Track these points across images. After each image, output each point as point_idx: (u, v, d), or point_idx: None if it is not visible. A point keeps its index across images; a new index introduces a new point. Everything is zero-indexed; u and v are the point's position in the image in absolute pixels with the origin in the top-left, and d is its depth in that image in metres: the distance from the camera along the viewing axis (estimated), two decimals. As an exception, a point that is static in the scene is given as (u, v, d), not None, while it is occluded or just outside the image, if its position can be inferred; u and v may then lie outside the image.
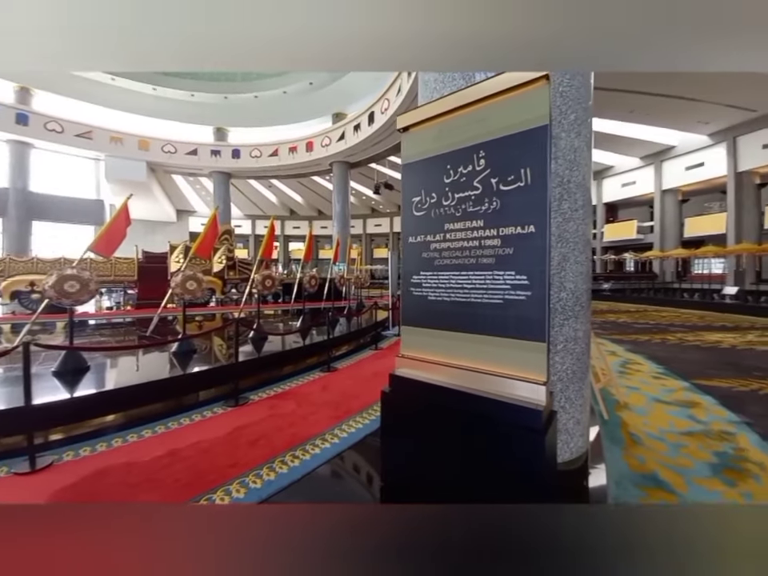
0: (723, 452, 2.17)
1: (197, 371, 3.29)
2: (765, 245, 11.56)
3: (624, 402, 2.98)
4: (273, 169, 19.33)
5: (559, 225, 1.84)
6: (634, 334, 6.33)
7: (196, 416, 2.67)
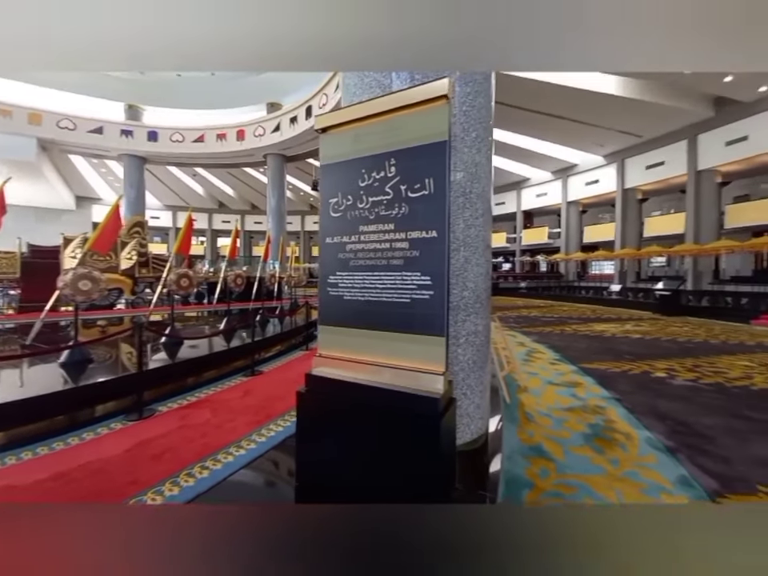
0: (596, 424, 2.63)
1: (89, 383, 2.88)
2: (642, 250, 14.11)
3: (524, 385, 3.41)
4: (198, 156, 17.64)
5: (462, 231, 2.03)
6: (540, 326, 7.25)
7: (88, 434, 2.36)
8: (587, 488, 1.80)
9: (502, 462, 2.05)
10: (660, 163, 15.58)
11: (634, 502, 1.57)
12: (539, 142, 17.96)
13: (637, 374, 3.95)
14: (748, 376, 3.85)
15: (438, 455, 1.49)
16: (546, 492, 1.77)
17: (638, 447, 2.24)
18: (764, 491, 1.80)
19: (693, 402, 3.06)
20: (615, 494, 1.76)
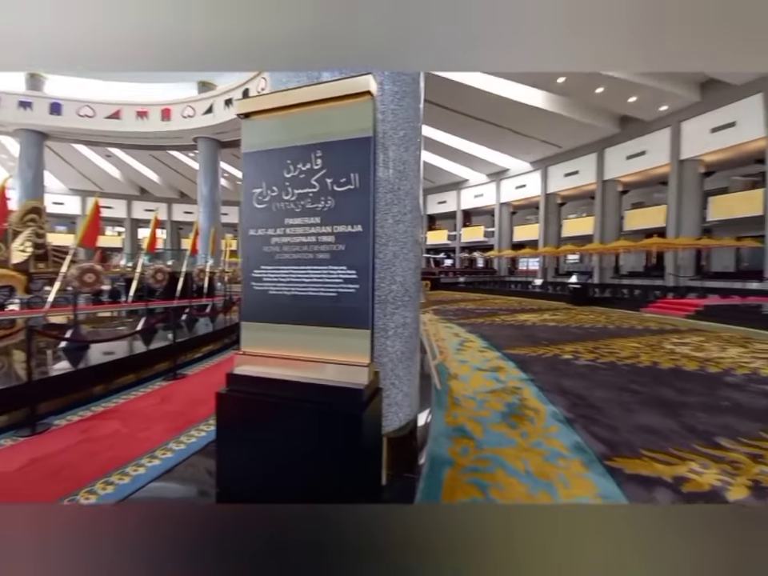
0: (512, 402, 2.92)
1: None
2: (559, 248, 15.91)
3: (455, 373, 3.66)
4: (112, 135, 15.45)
5: (391, 226, 2.09)
6: (474, 318, 7.81)
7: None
8: (500, 460, 2.01)
9: (428, 444, 2.19)
10: (575, 172, 17.63)
11: (562, 502, 1.75)
12: (477, 145, 19.16)
13: (549, 356, 4.47)
14: (636, 355, 4.60)
15: (363, 444, 1.54)
16: (464, 468, 1.93)
17: (544, 420, 2.56)
18: (648, 455, 2.17)
19: (590, 379, 3.57)
20: (522, 462, 1.99)
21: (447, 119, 16.67)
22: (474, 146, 19.15)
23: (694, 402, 2.97)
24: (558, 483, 1.82)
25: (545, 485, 1.80)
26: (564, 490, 1.76)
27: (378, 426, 1.79)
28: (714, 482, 1.85)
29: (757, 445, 2.25)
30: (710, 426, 2.54)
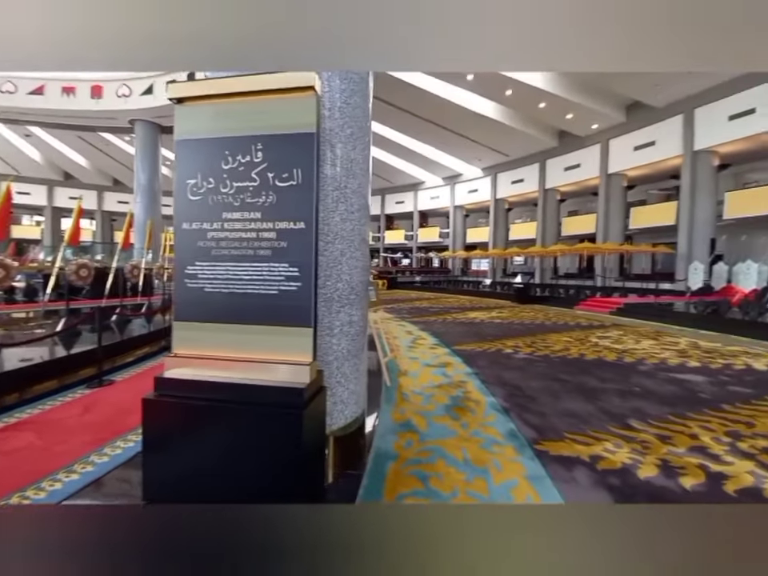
0: (456, 395, 3.07)
1: None
2: (506, 250, 17.01)
3: (405, 369, 3.76)
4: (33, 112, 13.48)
5: (337, 224, 2.09)
6: (427, 316, 8.08)
7: None
8: (441, 450, 2.11)
9: (375, 440, 2.22)
10: (521, 180, 18.93)
11: (505, 502, 1.84)
12: (434, 149, 19.77)
13: (493, 351, 4.77)
14: (567, 348, 5.07)
15: (305, 444, 1.52)
16: (407, 461, 2.00)
17: (484, 410, 2.73)
18: (570, 438, 2.40)
19: (527, 371, 3.88)
20: (462, 451, 2.10)
21: (407, 122, 17.00)
22: (432, 149, 19.76)
23: (611, 389, 3.36)
24: (493, 468, 1.95)
25: (481, 471, 1.92)
26: (497, 474, 1.89)
27: (322, 425, 1.78)
28: (626, 461, 2.11)
29: (665, 427, 2.59)
30: (623, 410, 2.88)
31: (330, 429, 2.06)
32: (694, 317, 7.40)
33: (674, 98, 12.34)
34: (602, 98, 13.56)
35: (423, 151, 19.96)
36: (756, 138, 10.83)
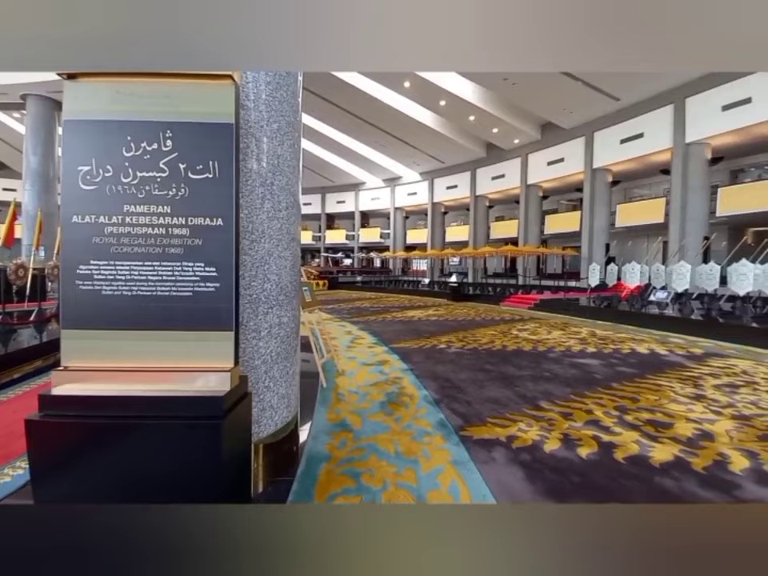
0: (391, 391, 3.15)
1: None
2: (443, 251, 17.99)
3: (342, 369, 3.75)
4: None
5: (263, 222, 2.00)
6: (367, 315, 8.16)
7: None
8: (374, 446, 2.15)
9: (307, 443, 2.18)
10: (455, 186, 20.17)
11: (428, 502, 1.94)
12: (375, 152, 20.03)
13: (428, 347, 5.01)
14: (492, 341, 5.54)
15: (226, 456, 1.42)
16: (340, 461, 1.99)
17: (417, 404, 2.85)
18: (491, 422, 2.62)
19: (457, 364, 4.15)
20: (394, 445, 2.17)
21: (349, 122, 16.95)
22: (372, 151, 20.01)
23: (527, 375, 3.77)
24: (422, 458, 2.05)
25: (411, 461, 2.00)
26: (426, 463, 2.00)
27: (247, 434, 1.69)
28: (536, 438, 2.38)
29: (567, 405, 2.98)
30: (535, 393, 3.25)
31: (259, 436, 1.97)
32: (592, 309, 8.67)
33: (579, 122, 14.30)
34: (522, 116, 15.13)
35: (364, 152, 20.13)
36: (641, 160, 13.09)
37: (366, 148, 19.76)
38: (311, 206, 25.67)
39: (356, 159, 20.99)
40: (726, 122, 10.23)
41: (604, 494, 1.78)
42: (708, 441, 2.35)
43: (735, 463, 2.06)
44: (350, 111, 16.08)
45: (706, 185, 11.28)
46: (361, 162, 21.19)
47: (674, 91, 11.35)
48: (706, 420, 2.67)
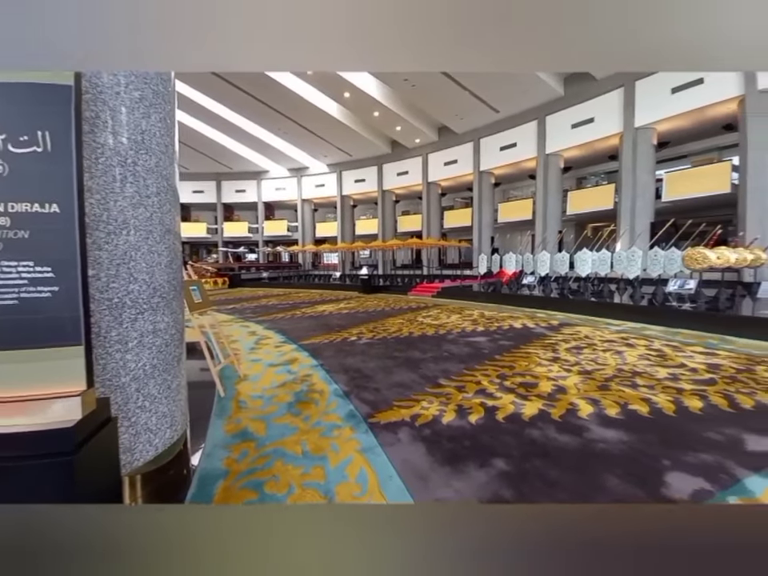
0: (300, 390, 3.05)
1: None
2: (354, 244, 18.14)
3: (245, 374, 3.46)
4: None
5: (124, 210, 1.66)
6: (275, 313, 7.72)
7: None
8: (280, 451, 2.05)
9: (200, 462, 1.94)
10: (363, 180, 20.45)
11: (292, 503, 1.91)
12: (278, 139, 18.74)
13: (339, 341, 5.02)
14: (400, 329, 5.86)
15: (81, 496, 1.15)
16: (240, 474, 1.84)
17: (327, 399, 2.83)
18: (397, 405, 2.75)
19: (368, 354, 4.27)
20: (301, 446, 2.10)
21: (248, 105, 15.40)
22: (276, 138, 18.69)
23: (429, 357, 4.11)
24: (331, 453, 2.04)
25: (319, 459, 1.98)
26: (335, 457, 1.99)
27: (112, 466, 1.41)
28: (435, 413, 2.61)
29: (461, 379, 3.34)
30: (436, 372, 3.56)
31: (134, 466, 1.66)
32: (482, 294, 9.97)
33: (468, 128, 15.99)
34: (421, 118, 16.16)
35: (266, 138, 18.70)
36: (515, 165, 15.37)
37: (267, 134, 18.38)
38: (204, 194, 22.79)
39: (257, 145, 19.37)
40: (574, 138, 12.82)
41: (488, 452, 2.06)
42: (562, 394, 2.94)
43: (582, 410, 2.63)
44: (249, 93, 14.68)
45: (559, 189, 14.00)
46: (263, 148, 19.64)
47: (539, 108, 13.64)
48: (561, 377, 3.34)
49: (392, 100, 14.77)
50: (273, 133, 18.05)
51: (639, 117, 11.03)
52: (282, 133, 17.83)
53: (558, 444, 2.16)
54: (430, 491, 1.72)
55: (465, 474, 1.86)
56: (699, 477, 1.79)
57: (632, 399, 2.80)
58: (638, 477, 1.81)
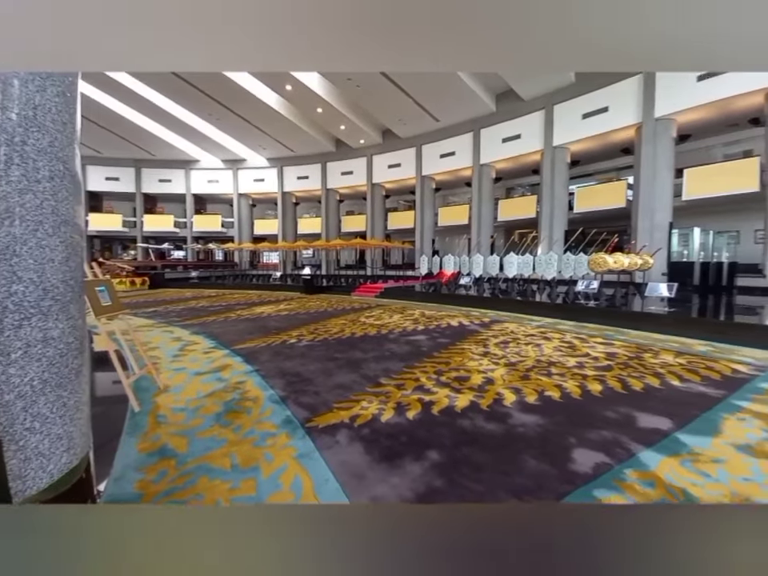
0: (231, 399, 2.85)
1: None
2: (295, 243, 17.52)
3: (165, 385, 3.13)
4: None
5: (6, 196, 1.39)
6: (205, 317, 7.11)
7: None
8: (205, 467, 1.89)
9: (107, 487, 1.70)
10: (306, 177, 19.88)
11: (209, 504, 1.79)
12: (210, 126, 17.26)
13: (277, 344, 4.81)
14: (342, 330, 5.81)
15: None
16: (158, 494, 1.66)
17: (261, 406, 2.69)
18: (337, 407, 2.72)
19: (308, 357, 4.16)
20: (230, 459, 1.97)
21: (176, 87, 13.85)
22: (207, 125, 17.18)
23: (371, 357, 4.15)
24: (264, 463, 1.94)
25: (251, 471, 1.87)
26: (268, 467, 1.90)
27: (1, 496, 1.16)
28: (375, 412, 2.64)
29: (401, 377, 3.43)
30: (377, 371, 3.61)
31: (27, 494, 1.40)
32: (423, 294, 10.38)
33: (411, 134, 16.52)
34: (366, 119, 16.26)
35: (197, 125, 17.10)
36: (453, 173, 16.30)
37: (198, 120, 16.84)
38: (119, 183, 20.08)
39: (185, 131, 17.62)
40: (505, 151, 14.05)
41: (424, 445, 2.15)
42: (490, 385, 3.20)
43: (507, 398, 2.89)
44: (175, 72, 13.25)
45: (492, 197, 15.22)
46: (192, 135, 17.94)
47: (474, 121, 14.66)
48: (489, 370, 3.63)
49: (336, 98, 14.61)
50: (204, 119, 16.60)
51: (557, 137, 12.50)
52: (214, 120, 16.48)
53: (485, 431, 2.34)
54: (366, 489, 1.74)
55: (401, 468, 1.91)
56: (600, 452, 2.08)
57: (547, 386, 3.16)
58: (550, 455, 2.05)
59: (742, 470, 1.87)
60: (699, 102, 9.47)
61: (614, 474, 1.87)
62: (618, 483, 1.78)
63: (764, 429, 2.32)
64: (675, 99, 9.87)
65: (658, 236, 10.16)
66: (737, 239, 11.52)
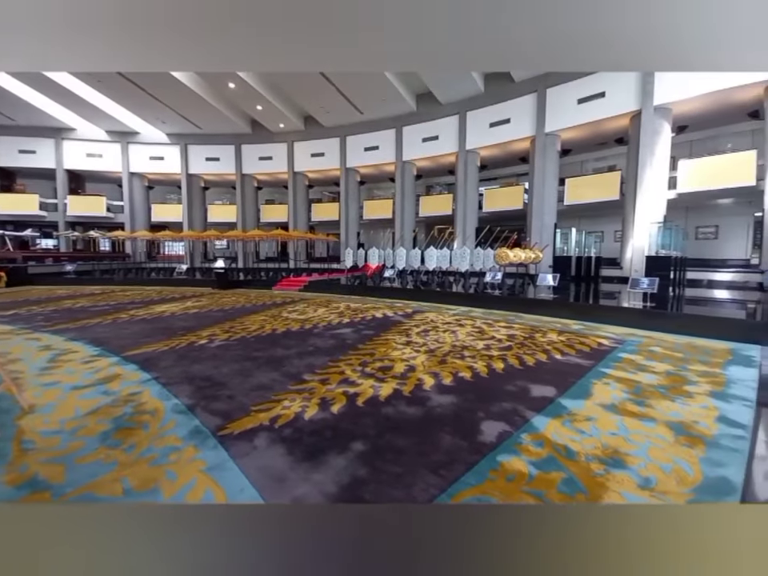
0: (122, 414, 2.43)
1: None
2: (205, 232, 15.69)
3: (33, 404, 2.52)
4: None
5: None
6: (85, 319, 5.91)
7: None
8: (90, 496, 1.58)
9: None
10: (217, 158, 17.89)
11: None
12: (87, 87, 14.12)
13: (184, 346, 4.27)
14: (262, 327, 5.45)
15: None
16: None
17: (162, 419, 2.36)
18: (255, 409, 2.52)
19: (221, 358, 3.79)
20: (121, 483, 1.68)
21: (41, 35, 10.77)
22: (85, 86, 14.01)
23: (294, 353, 3.98)
24: (165, 483, 1.71)
25: (148, 493, 1.63)
26: (170, 487, 1.68)
27: None
28: (298, 410, 2.53)
29: (325, 372, 3.36)
30: (300, 368, 3.48)
31: None
32: (348, 287, 10.38)
33: (335, 123, 16.13)
34: (287, 102, 15.28)
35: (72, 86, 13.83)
36: (376, 167, 16.47)
37: (72, 79, 13.65)
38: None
39: (56, 93, 14.13)
40: (424, 150, 14.77)
41: (349, 437, 2.16)
42: (412, 372, 3.37)
43: (427, 383, 3.07)
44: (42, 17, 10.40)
45: (413, 193, 15.91)
46: (65, 98, 14.48)
47: (397, 118, 15.02)
48: (411, 358, 3.82)
49: (251, 75, 13.37)
50: (82, 80, 13.54)
51: (469, 141, 13.64)
52: (95, 81, 13.57)
53: (407, 416, 2.46)
54: (286, 491, 1.66)
55: (325, 463, 1.89)
56: (502, 422, 2.37)
57: (461, 368, 3.47)
58: (462, 430, 2.25)
59: (610, 425, 2.34)
60: (577, 122, 11.34)
61: (514, 439, 2.15)
62: (516, 447, 2.05)
63: (624, 390, 2.94)
64: (560, 118, 11.65)
65: (546, 234, 11.96)
66: (602, 238, 14.27)
